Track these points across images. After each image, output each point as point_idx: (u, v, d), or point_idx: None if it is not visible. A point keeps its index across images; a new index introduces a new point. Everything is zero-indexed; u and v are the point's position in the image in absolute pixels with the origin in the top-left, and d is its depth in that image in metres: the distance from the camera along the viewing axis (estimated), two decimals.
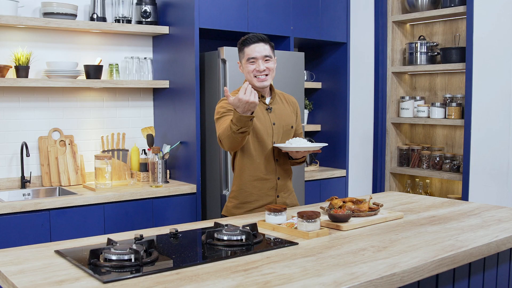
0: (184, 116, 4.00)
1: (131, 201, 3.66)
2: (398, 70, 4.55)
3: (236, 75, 3.89)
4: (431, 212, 2.71)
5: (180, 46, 4.01)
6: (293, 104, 3.01)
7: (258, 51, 2.74)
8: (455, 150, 4.48)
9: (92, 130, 4.12)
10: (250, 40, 2.76)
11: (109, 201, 3.56)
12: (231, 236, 2.09)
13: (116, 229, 3.58)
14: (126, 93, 4.26)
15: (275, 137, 2.86)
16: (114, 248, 1.87)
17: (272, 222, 2.37)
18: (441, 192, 4.58)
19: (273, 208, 2.37)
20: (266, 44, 2.78)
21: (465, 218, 2.57)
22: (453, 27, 4.49)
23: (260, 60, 2.74)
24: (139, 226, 3.68)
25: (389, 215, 2.54)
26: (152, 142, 4.04)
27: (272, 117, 2.86)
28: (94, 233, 3.51)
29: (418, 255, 1.94)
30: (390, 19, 4.58)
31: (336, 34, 4.69)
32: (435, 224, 2.44)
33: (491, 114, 3.86)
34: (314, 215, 2.21)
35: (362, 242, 2.13)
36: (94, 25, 3.86)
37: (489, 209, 2.80)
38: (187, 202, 3.89)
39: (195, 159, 3.91)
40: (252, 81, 2.78)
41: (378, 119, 4.63)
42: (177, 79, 4.06)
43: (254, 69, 2.74)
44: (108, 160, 3.78)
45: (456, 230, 2.33)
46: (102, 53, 4.13)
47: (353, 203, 2.56)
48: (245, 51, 2.77)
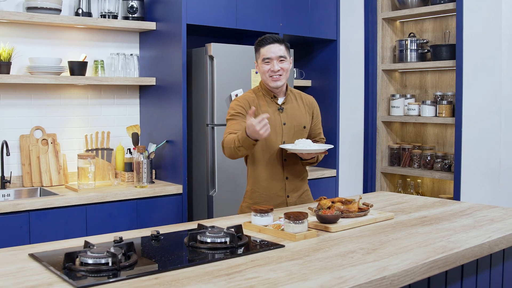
0: (170, 114, 3.91)
1: (114, 202, 3.56)
2: (388, 68, 4.48)
3: (224, 72, 3.81)
4: (422, 212, 2.64)
5: (167, 43, 3.92)
6: (309, 105, 3.01)
7: (273, 51, 2.78)
8: (446, 149, 4.42)
9: (76, 128, 4.02)
10: (265, 41, 2.81)
11: (91, 202, 3.47)
12: (214, 238, 2.01)
13: (99, 231, 3.49)
14: (112, 90, 4.16)
15: (285, 137, 2.87)
16: (91, 251, 1.79)
17: (258, 223, 2.29)
18: (433, 191, 4.52)
19: (259, 209, 2.29)
20: (282, 45, 2.81)
21: (457, 218, 2.50)
22: (443, 24, 4.42)
23: (275, 61, 2.78)
24: (123, 228, 3.59)
25: (379, 216, 2.47)
26: (137, 141, 3.94)
27: (283, 117, 2.89)
28: (75, 236, 3.39)
29: (409, 257, 1.86)
30: (380, 16, 4.51)
31: (325, 31, 4.62)
32: (426, 225, 2.37)
33: (482, 112, 3.80)
34: (301, 216, 2.13)
35: (351, 244, 2.05)
36: (79, 20, 3.75)
37: (481, 208, 2.73)
38: (173, 203, 3.80)
39: (181, 159, 3.82)
40: (267, 81, 2.84)
41: (368, 118, 4.56)
42: (164, 76, 3.97)
43: (269, 69, 2.79)
44: (91, 159, 3.68)
45: (448, 230, 2.26)
46: (87, 49, 4.03)
47: (342, 204, 2.48)
48: (260, 51, 2.82)
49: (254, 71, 3.94)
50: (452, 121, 4.06)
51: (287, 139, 2.86)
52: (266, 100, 2.90)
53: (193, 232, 2.04)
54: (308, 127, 2.97)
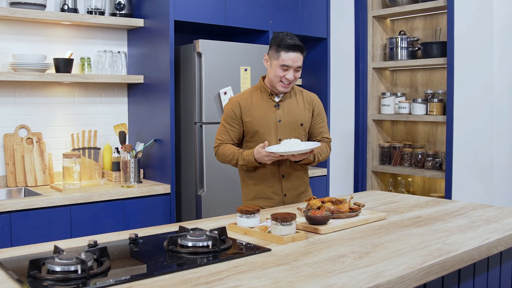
0: (158, 113, 3.71)
1: (100, 202, 3.36)
2: (378, 66, 4.29)
3: (212, 69, 3.61)
4: (415, 212, 2.45)
5: (155, 40, 3.72)
6: (309, 101, 2.84)
7: (294, 60, 2.64)
8: (437, 147, 4.23)
9: (62, 127, 3.81)
10: (290, 47, 2.62)
11: (76, 202, 3.26)
12: (196, 242, 1.81)
13: (84, 232, 3.28)
14: (99, 88, 3.96)
15: (281, 135, 2.72)
16: (59, 257, 1.58)
17: (244, 225, 2.09)
18: (424, 190, 4.33)
19: (244, 209, 2.09)
20: (302, 54, 2.68)
21: (451, 219, 2.31)
22: (433, 22, 4.24)
23: (292, 70, 2.65)
24: (109, 229, 3.38)
25: (371, 216, 2.28)
26: (124, 139, 3.74)
27: (279, 114, 2.74)
28: (59, 237, 3.20)
29: (404, 262, 1.67)
30: (370, 14, 4.32)
31: (316, 29, 4.43)
32: (420, 226, 2.18)
33: (474, 110, 3.62)
34: (289, 218, 1.93)
35: (342, 247, 1.86)
36: (64, 16, 3.55)
37: (476, 208, 2.55)
38: (161, 203, 3.60)
39: (169, 158, 3.62)
40: (276, 84, 2.70)
41: (359, 116, 4.37)
42: (151, 74, 3.77)
43: (284, 76, 2.65)
44: (77, 158, 3.47)
45: (443, 232, 2.07)
46: (73, 46, 3.82)
47: (332, 204, 2.29)
48: (281, 55, 2.63)
49: (243, 68, 3.74)
50: (443, 119, 3.88)
51: (283, 136, 2.70)
52: (262, 97, 2.77)
53: (173, 235, 1.84)
54: (307, 125, 2.80)
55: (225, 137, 2.76)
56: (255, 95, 2.78)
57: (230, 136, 2.75)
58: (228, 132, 2.75)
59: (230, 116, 2.75)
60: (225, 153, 2.71)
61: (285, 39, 2.63)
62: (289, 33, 2.70)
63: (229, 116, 2.75)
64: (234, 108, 2.75)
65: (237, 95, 2.86)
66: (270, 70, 2.70)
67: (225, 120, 2.77)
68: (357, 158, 4.42)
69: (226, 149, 2.72)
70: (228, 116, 2.76)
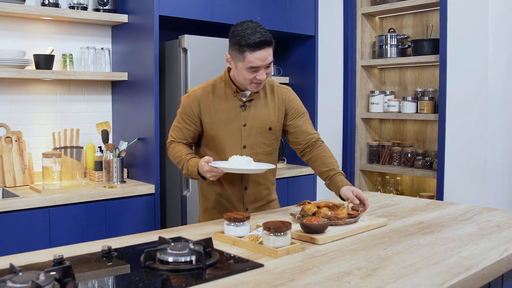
0: (142, 111, 3.35)
1: (80, 203, 2.99)
2: (368, 64, 3.96)
3: (199, 66, 3.25)
4: (417, 217, 2.12)
5: (139, 36, 3.35)
6: (281, 99, 2.28)
7: (263, 59, 2.06)
8: (426, 146, 3.92)
9: (43, 125, 3.43)
10: (256, 45, 2.02)
11: (55, 204, 2.89)
12: (177, 257, 1.46)
13: (63, 236, 2.92)
14: (82, 86, 3.58)
15: (246, 141, 2.22)
16: (13, 280, 1.23)
17: (232, 234, 1.74)
18: (413, 189, 4.02)
19: (233, 217, 1.74)
20: (271, 48, 2.09)
21: (458, 225, 1.98)
22: (423, 20, 3.92)
23: (262, 69, 2.09)
24: (90, 232, 3.02)
25: (372, 223, 1.94)
26: (107, 138, 3.37)
27: (245, 117, 2.21)
28: (37, 242, 2.83)
29: (420, 282, 1.33)
30: (359, 11, 3.99)
31: (304, 26, 4.09)
32: (426, 233, 1.85)
33: (467, 108, 3.31)
34: (283, 227, 1.59)
35: (344, 261, 1.52)
36: (44, 10, 3.16)
37: (481, 212, 2.23)
38: (145, 204, 3.23)
39: (153, 158, 3.26)
40: (246, 85, 2.15)
41: (347, 115, 4.04)
42: (136, 71, 3.40)
43: (254, 77, 2.09)
44: (57, 158, 3.10)
45: (454, 241, 1.74)
46: (55, 42, 3.44)
47: (329, 209, 1.95)
48: (247, 56, 2.04)
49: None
50: (434, 117, 3.56)
51: (249, 142, 2.21)
52: (227, 94, 2.22)
53: (151, 249, 1.49)
54: (277, 128, 2.26)
55: (179, 135, 2.27)
56: (219, 91, 2.23)
57: (184, 135, 2.26)
58: (182, 131, 2.26)
59: (186, 113, 2.23)
60: (174, 154, 2.25)
61: (247, 35, 2.02)
62: (250, 24, 2.07)
63: (185, 113, 2.24)
64: (191, 104, 2.23)
65: (197, 87, 2.28)
66: (237, 72, 2.13)
67: (181, 116, 2.26)
68: (345, 157, 4.09)
69: (175, 150, 2.25)
70: (185, 113, 2.24)
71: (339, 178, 2.15)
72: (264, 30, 2.07)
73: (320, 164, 2.23)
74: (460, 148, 3.35)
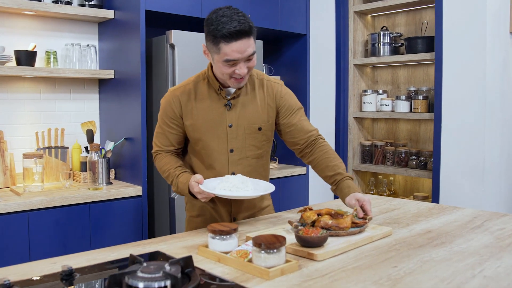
0: (129, 110, 3.01)
1: (62, 207, 2.65)
2: (360, 62, 3.64)
3: (187, 62, 2.92)
4: (423, 224, 1.80)
5: (126, 32, 3.01)
6: (272, 95, 1.91)
7: (241, 51, 1.67)
8: (420, 146, 3.61)
9: (26, 125, 3.08)
10: (231, 35, 1.64)
11: (34, 208, 2.55)
12: (149, 282, 1.12)
13: (44, 242, 2.58)
14: (67, 84, 3.23)
15: (232, 143, 1.86)
16: None
17: (218, 249, 1.41)
18: (406, 190, 3.71)
19: (218, 229, 1.41)
20: (250, 38, 1.69)
21: (470, 234, 1.66)
22: (416, 18, 3.61)
23: (241, 62, 1.71)
24: (72, 238, 2.67)
25: (375, 233, 1.61)
26: (92, 138, 3.02)
27: (230, 116, 1.84)
28: (15, 249, 2.49)
29: None
30: (351, 9, 3.67)
31: (295, 25, 3.76)
32: (438, 245, 1.52)
33: (464, 106, 2.99)
34: (276, 243, 1.26)
35: (349, 284, 1.19)
36: (25, 4, 2.81)
37: (490, 217, 1.91)
38: (131, 206, 2.89)
39: (140, 158, 2.92)
40: (225, 80, 1.79)
41: (339, 114, 3.72)
42: (123, 68, 3.06)
43: (233, 72, 1.72)
44: (38, 159, 2.75)
45: (471, 255, 1.42)
46: (38, 38, 3.09)
47: (331, 217, 1.62)
48: (222, 48, 1.67)
49: None
50: (429, 116, 3.24)
51: (236, 145, 1.86)
52: (210, 92, 1.85)
53: (117, 273, 1.15)
54: (268, 128, 1.90)
55: (163, 141, 1.91)
56: (201, 88, 1.86)
57: (169, 140, 1.91)
58: (167, 135, 1.90)
59: (167, 115, 1.88)
60: (161, 167, 1.90)
61: (221, 24, 1.64)
62: (227, 11, 1.68)
63: (166, 115, 1.88)
64: (172, 104, 1.87)
65: (177, 86, 1.92)
66: (215, 66, 1.77)
67: (162, 120, 1.90)
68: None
69: (162, 162, 1.90)
70: (166, 115, 1.88)
71: (345, 184, 1.82)
72: (243, 17, 1.67)
73: (324, 167, 1.88)
74: (457, 148, 3.04)
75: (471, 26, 2.94)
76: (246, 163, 1.88)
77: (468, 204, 2.95)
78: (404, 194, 3.71)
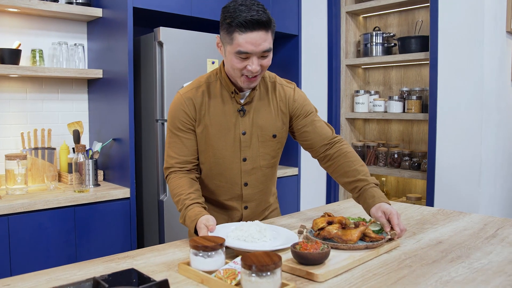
0: (117, 110, 2.70)
1: (45, 210, 2.34)
2: (353, 63, 3.35)
3: (175, 60, 2.61)
4: (431, 233, 1.51)
5: (114, 30, 2.70)
6: (284, 100, 1.62)
7: (256, 43, 1.39)
8: (412, 147, 3.32)
9: (12, 125, 2.76)
10: (247, 24, 1.38)
11: (15, 211, 2.23)
12: None
13: (26, 248, 2.26)
14: (55, 84, 2.92)
15: (246, 152, 1.58)
16: None
17: (201, 268, 1.11)
18: (398, 190, 3.42)
19: (201, 244, 1.11)
20: (268, 32, 1.42)
21: (486, 245, 1.37)
22: (409, 18, 3.33)
23: (254, 57, 1.42)
24: (57, 242, 2.36)
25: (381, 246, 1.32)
26: (78, 139, 2.71)
27: (244, 123, 1.56)
28: None
29: None
30: (343, 10, 3.38)
31: (287, 25, 3.47)
32: (454, 260, 1.23)
33: (460, 107, 2.71)
34: (270, 264, 0.96)
35: None
36: (9, 1, 2.49)
37: (502, 224, 1.62)
38: (119, 209, 2.58)
39: (128, 159, 2.61)
40: (236, 78, 1.49)
41: (332, 115, 3.42)
42: (111, 67, 2.75)
43: (245, 68, 1.44)
44: (21, 160, 2.44)
45: (497, 274, 1.13)
46: (24, 37, 2.78)
47: (341, 226, 1.31)
48: (235, 37, 1.40)
49: (210, 61, 2.75)
50: (423, 117, 2.96)
51: (250, 154, 1.58)
52: (222, 96, 1.56)
53: None
54: (283, 135, 1.64)
55: (181, 150, 1.56)
56: (214, 91, 1.56)
57: (187, 148, 1.57)
58: (184, 143, 1.56)
59: (181, 120, 1.55)
60: (173, 189, 1.54)
61: (237, 12, 1.39)
62: (246, 0, 1.43)
63: (179, 120, 1.55)
64: (186, 107, 1.55)
65: (188, 88, 1.58)
66: (226, 60, 1.49)
67: (175, 126, 1.56)
68: None
69: (175, 184, 1.54)
70: (179, 120, 1.55)
71: (369, 193, 1.49)
72: (263, 9, 1.41)
73: (342, 173, 1.57)
74: (453, 149, 2.75)
75: (468, 25, 2.66)
76: (260, 173, 1.61)
77: (464, 206, 2.67)
78: (397, 195, 3.42)
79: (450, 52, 2.74)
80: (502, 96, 2.83)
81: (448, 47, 2.75)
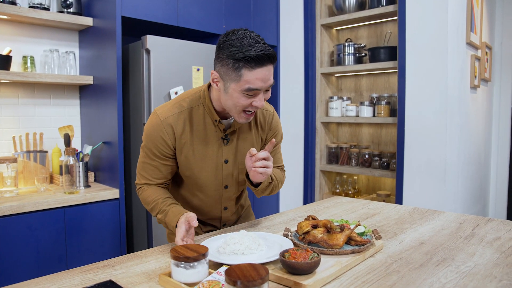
0: (107, 114, 2.48)
1: (35, 212, 2.11)
2: (327, 71, 3.21)
3: (162, 67, 2.41)
4: (411, 233, 1.35)
5: (103, 38, 2.48)
6: (262, 124, 1.41)
7: (265, 79, 1.16)
8: (381, 148, 3.19)
9: (4, 129, 2.52)
10: (257, 60, 1.13)
11: (4, 214, 2.00)
12: None
13: (15, 250, 2.03)
14: (47, 90, 2.68)
15: (227, 180, 1.37)
16: None
17: (182, 279, 0.92)
18: (368, 188, 3.29)
19: (182, 255, 0.92)
20: (273, 64, 1.17)
21: (468, 246, 1.22)
22: (377, 30, 3.20)
23: (261, 93, 1.19)
24: (46, 244, 2.13)
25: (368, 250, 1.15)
26: (69, 142, 2.48)
27: (227, 152, 1.34)
28: None
29: None
30: (318, 23, 3.24)
31: (267, 36, 3.30)
32: (441, 264, 1.07)
33: (426, 111, 2.58)
34: (257, 279, 0.78)
35: None
36: None
37: (476, 223, 1.47)
38: (108, 210, 2.37)
39: (117, 161, 2.40)
40: (234, 114, 1.24)
41: (308, 119, 3.27)
42: (101, 74, 2.53)
43: (251, 104, 1.19)
44: (11, 163, 2.20)
45: (487, 278, 0.97)
46: (15, 44, 2.54)
47: (326, 230, 1.14)
48: (244, 74, 1.14)
49: (195, 68, 2.56)
50: (392, 120, 2.83)
51: (231, 182, 1.38)
52: (205, 123, 1.31)
53: None
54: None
55: (155, 174, 1.33)
56: (196, 118, 1.30)
57: (162, 173, 1.34)
58: (159, 169, 1.33)
59: (158, 147, 1.29)
60: (145, 198, 1.33)
61: (245, 45, 1.13)
62: (247, 32, 1.17)
63: (156, 147, 1.29)
64: (164, 135, 1.28)
65: (168, 112, 1.29)
66: (226, 96, 1.21)
67: (152, 151, 1.30)
68: (307, 158, 3.32)
69: (147, 193, 1.34)
70: (156, 146, 1.29)
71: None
72: (263, 40, 1.18)
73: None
74: (419, 150, 2.62)
75: (433, 36, 2.53)
76: (238, 195, 1.44)
77: (431, 202, 2.54)
78: (367, 191, 3.28)
79: (417, 61, 2.61)
80: (463, 102, 2.72)
81: (415, 57, 2.62)
